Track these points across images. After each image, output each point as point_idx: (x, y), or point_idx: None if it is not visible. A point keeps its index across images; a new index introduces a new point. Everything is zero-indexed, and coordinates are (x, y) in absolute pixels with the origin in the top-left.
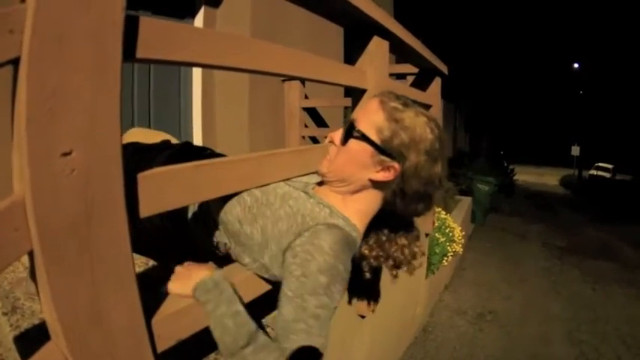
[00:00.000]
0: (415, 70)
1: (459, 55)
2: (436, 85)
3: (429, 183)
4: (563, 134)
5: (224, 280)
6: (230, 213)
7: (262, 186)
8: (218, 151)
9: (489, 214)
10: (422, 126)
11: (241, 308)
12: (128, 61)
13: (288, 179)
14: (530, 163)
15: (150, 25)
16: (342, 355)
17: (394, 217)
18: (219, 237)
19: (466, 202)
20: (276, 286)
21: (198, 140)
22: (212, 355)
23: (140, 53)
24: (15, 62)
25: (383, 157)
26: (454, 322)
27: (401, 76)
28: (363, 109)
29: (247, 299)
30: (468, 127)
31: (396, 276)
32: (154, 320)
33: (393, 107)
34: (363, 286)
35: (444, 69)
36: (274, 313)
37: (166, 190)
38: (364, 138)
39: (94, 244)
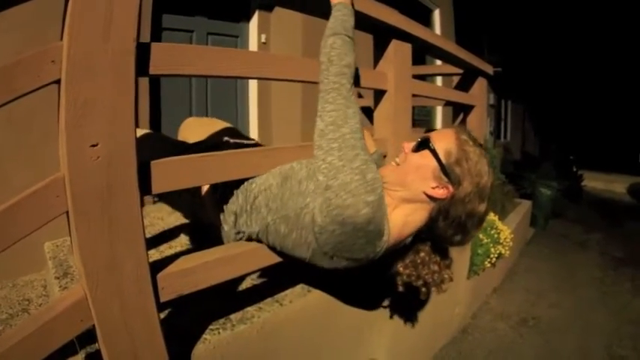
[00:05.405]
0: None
1: (532, 59)
2: (479, 85)
3: (470, 216)
4: (634, 140)
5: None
6: (274, 174)
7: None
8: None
9: (552, 220)
10: (482, 165)
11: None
12: (142, 76)
13: None
14: (601, 168)
15: (158, 49)
16: (358, 344)
17: (433, 244)
18: (262, 221)
19: (525, 205)
20: (285, 259)
21: (254, 133)
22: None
23: (151, 71)
24: (57, 82)
25: (442, 176)
26: (495, 325)
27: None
28: (440, 132)
29: (252, 268)
30: (538, 130)
31: (422, 295)
32: (160, 275)
33: (465, 140)
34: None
35: (488, 69)
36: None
37: (174, 173)
38: (434, 153)
39: (113, 210)
